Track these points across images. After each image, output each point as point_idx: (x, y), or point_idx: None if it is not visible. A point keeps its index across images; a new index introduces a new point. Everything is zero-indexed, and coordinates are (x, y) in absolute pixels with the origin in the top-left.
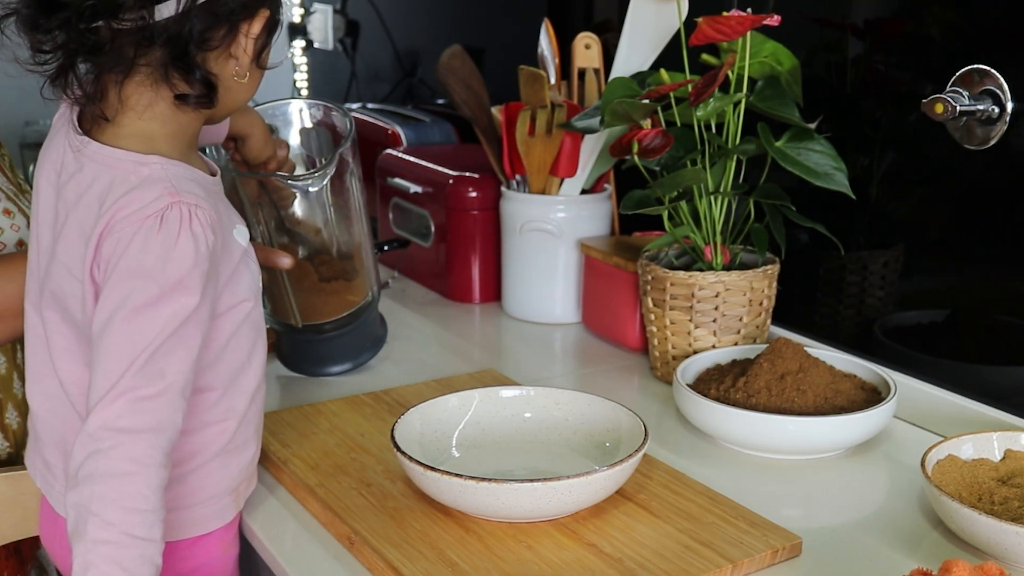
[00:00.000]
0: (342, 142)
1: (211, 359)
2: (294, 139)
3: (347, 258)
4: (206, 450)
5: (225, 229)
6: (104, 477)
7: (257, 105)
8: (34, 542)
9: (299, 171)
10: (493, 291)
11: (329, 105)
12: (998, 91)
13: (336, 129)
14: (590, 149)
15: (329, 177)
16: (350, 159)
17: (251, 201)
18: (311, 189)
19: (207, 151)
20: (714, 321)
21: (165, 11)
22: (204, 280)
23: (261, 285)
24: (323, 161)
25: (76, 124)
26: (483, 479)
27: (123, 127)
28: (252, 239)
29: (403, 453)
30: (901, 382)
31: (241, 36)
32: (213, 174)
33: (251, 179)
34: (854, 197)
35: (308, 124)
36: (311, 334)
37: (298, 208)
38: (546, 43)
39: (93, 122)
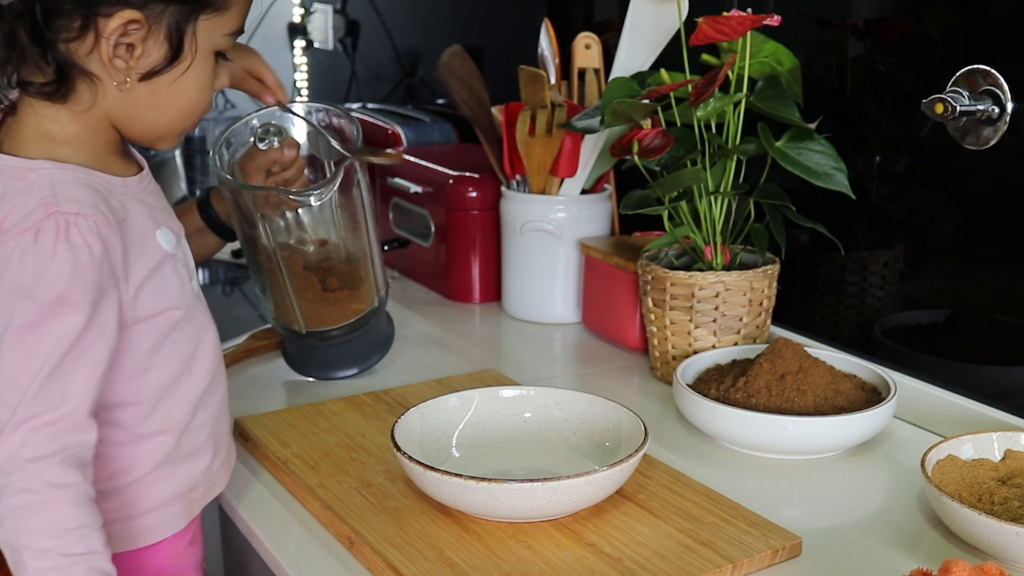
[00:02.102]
0: (346, 156)
1: (132, 371)
2: (301, 140)
3: (352, 267)
4: (145, 462)
5: (138, 232)
6: (23, 510)
7: (264, 108)
8: None
9: (307, 172)
10: (493, 291)
11: (337, 110)
12: (998, 91)
13: (344, 133)
14: (590, 149)
15: (334, 191)
16: (357, 168)
17: (252, 210)
18: (314, 203)
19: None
20: (714, 321)
21: None
22: (93, 292)
23: (195, 292)
24: (331, 165)
25: None
26: (483, 479)
27: (24, 127)
28: (257, 241)
29: (403, 453)
30: (901, 382)
31: (101, 36)
32: (140, 169)
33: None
34: (854, 197)
35: (316, 126)
36: (317, 340)
37: (302, 219)
38: (546, 43)
39: (5, 125)
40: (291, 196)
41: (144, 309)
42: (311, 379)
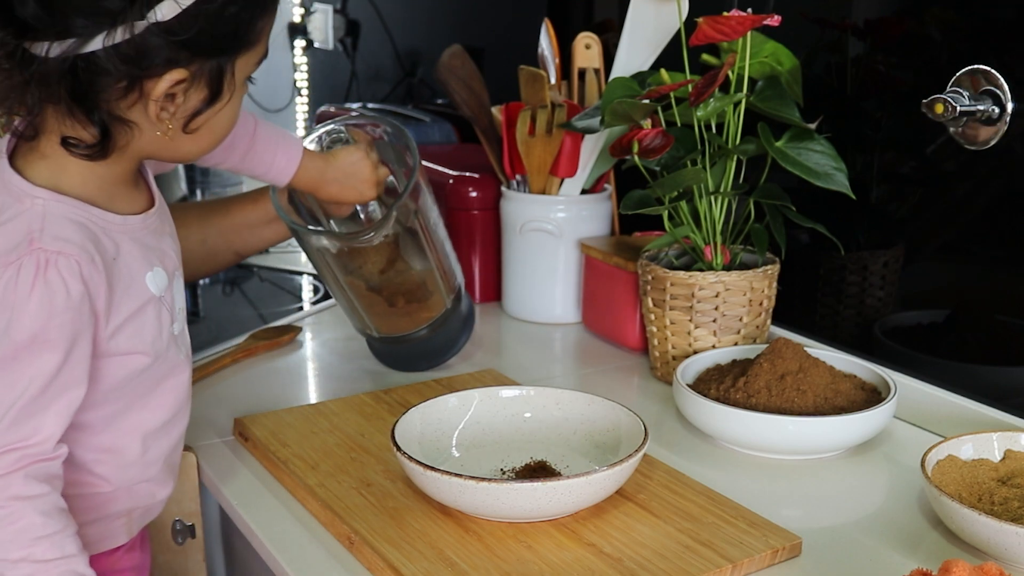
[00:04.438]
0: (399, 195)
1: (89, 400)
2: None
3: (419, 285)
4: (86, 481)
5: (127, 273)
6: None
7: (331, 120)
8: None
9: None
10: (493, 291)
11: (401, 137)
12: (998, 91)
13: (407, 150)
14: (590, 149)
15: (385, 232)
16: (415, 203)
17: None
18: (366, 244)
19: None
20: (714, 321)
21: (36, 49)
22: (71, 332)
23: (173, 335)
24: (400, 176)
25: (8, 146)
26: (483, 479)
27: (40, 151)
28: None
29: (403, 453)
30: (901, 382)
31: (146, 96)
32: (150, 204)
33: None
34: (854, 197)
35: (379, 136)
36: (393, 344)
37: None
38: (546, 43)
39: (21, 146)
40: (345, 240)
41: (118, 347)
42: (394, 371)
